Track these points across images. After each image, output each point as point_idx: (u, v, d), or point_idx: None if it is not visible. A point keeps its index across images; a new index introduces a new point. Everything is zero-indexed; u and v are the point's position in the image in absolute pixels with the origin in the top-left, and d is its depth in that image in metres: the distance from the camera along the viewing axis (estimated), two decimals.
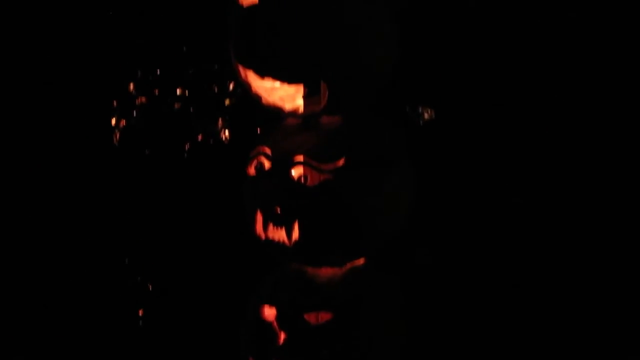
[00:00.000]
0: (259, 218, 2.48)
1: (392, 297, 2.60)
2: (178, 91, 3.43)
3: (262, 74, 2.37)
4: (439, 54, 3.14)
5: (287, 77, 2.35)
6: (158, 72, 3.44)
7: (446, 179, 3.25)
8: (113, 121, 3.45)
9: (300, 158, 2.38)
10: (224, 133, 3.38)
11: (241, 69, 2.44)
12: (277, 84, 2.40)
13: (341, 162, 2.38)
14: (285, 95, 2.43)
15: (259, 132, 3.28)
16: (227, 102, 3.40)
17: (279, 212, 2.42)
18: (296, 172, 2.39)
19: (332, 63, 2.31)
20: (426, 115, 3.26)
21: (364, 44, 2.32)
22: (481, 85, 3.20)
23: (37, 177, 3.30)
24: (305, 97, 2.40)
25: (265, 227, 2.46)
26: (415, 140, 3.20)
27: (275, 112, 2.47)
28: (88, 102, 3.39)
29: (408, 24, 2.58)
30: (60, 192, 3.34)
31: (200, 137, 3.39)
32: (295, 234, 2.41)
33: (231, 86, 3.37)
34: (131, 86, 3.46)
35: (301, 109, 2.42)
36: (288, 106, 2.44)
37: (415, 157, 2.61)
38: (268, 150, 2.45)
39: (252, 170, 2.48)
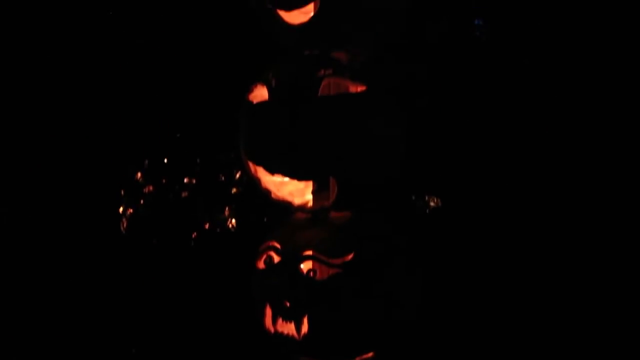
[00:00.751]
0: (268, 312, 2.48)
1: None
2: (185, 180, 3.46)
3: (273, 170, 2.41)
4: (445, 146, 3.19)
5: (297, 174, 2.39)
6: (165, 161, 3.48)
7: (454, 265, 3.25)
8: (120, 209, 3.47)
9: (309, 252, 2.40)
10: (231, 222, 3.40)
11: (251, 165, 2.48)
12: (287, 179, 2.43)
13: (350, 256, 2.39)
14: (294, 190, 2.47)
15: (265, 220, 3.30)
16: (234, 190, 3.43)
17: (288, 306, 2.43)
18: (305, 266, 2.41)
19: (341, 161, 2.35)
20: (432, 204, 3.29)
21: (372, 143, 2.37)
22: (486, 176, 3.24)
23: (46, 267, 3.32)
24: (314, 193, 2.44)
25: (274, 321, 2.46)
26: (422, 227, 3.23)
27: (285, 207, 2.49)
28: (96, 192, 3.43)
29: (415, 119, 2.63)
30: (68, 280, 3.35)
31: (207, 226, 3.41)
32: (305, 328, 2.41)
33: (238, 175, 3.41)
34: (139, 175, 3.49)
35: (310, 204, 2.46)
36: (297, 201, 2.47)
37: (423, 244, 2.62)
38: (277, 245, 2.47)
39: (261, 264, 2.50)
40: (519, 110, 3.17)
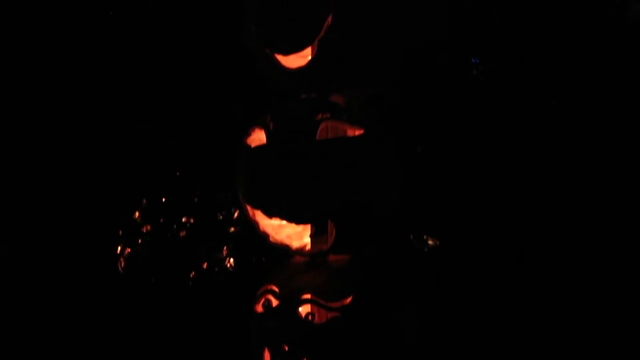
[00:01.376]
0: (267, 356, 2.46)
1: None
2: (183, 219, 3.46)
3: (270, 214, 2.41)
4: (443, 186, 3.19)
5: (295, 218, 2.39)
6: (163, 200, 3.48)
7: (451, 305, 3.24)
8: (118, 249, 3.46)
9: (307, 296, 2.39)
10: (229, 261, 3.39)
11: (249, 208, 2.48)
12: (285, 222, 2.43)
13: (349, 300, 2.39)
14: (292, 233, 2.47)
15: (264, 260, 3.29)
16: (232, 229, 3.42)
17: (286, 350, 2.41)
18: (304, 310, 2.40)
19: (339, 204, 2.35)
20: (430, 243, 3.28)
21: (370, 186, 2.37)
22: (484, 215, 3.24)
23: (44, 307, 3.31)
24: (312, 236, 2.43)
25: None
26: (421, 267, 3.22)
27: (283, 250, 2.49)
28: (93, 231, 3.42)
29: (412, 160, 2.64)
30: (66, 320, 3.34)
31: (205, 265, 3.40)
32: None
33: (236, 214, 3.40)
34: (137, 214, 3.49)
35: (308, 247, 2.46)
36: (295, 244, 2.47)
37: (421, 284, 2.61)
38: (275, 288, 2.46)
39: (259, 308, 2.48)
40: (516, 148, 3.17)
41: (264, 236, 2.49)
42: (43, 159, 3.43)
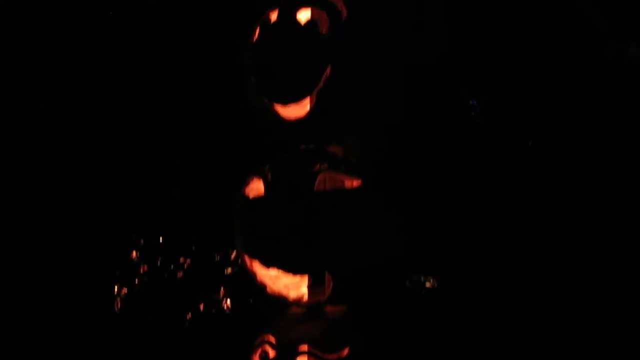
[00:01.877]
0: None
1: None
2: (181, 259, 3.45)
3: (268, 264, 2.41)
4: (440, 230, 3.18)
5: (292, 269, 2.39)
6: (161, 240, 3.47)
7: (450, 347, 3.23)
8: (115, 289, 3.44)
9: (304, 348, 2.39)
10: (226, 302, 3.38)
11: (247, 259, 2.48)
12: (282, 272, 2.42)
13: (345, 351, 2.39)
14: (290, 283, 2.45)
15: (261, 302, 3.27)
16: (229, 270, 3.41)
17: None
18: None
19: (337, 256, 2.35)
20: (428, 285, 3.27)
21: (368, 238, 2.37)
22: (482, 255, 3.23)
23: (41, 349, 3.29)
24: (310, 287, 2.42)
25: None
26: (418, 310, 3.21)
27: (280, 300, 2.48)
28: (90, 271, 3.41)
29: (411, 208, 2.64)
30: None
31: (202, 307, 3.38)
32: None
33: (233, 255, 3.39)
34: (134, 254, 3.48)
35: (306, 298, 2.44)
36: (293, 294, 2.46)
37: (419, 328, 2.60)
38: (272, 339, 2.45)
39: (256, 359, 2.48)
40: (514, 193, 3.17)
41: (262, 287, 2.48)
42: (40, 194, 3.42)
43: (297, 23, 2.38)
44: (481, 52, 3.18)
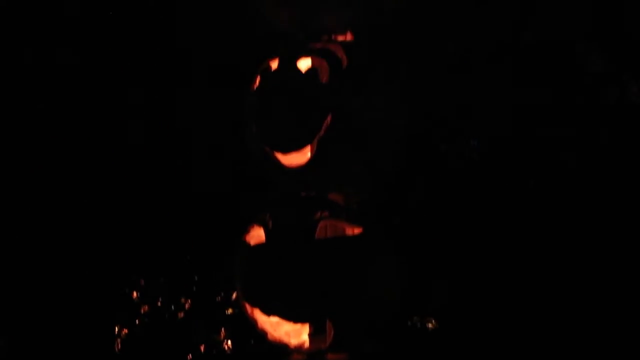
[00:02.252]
0: None
1: None
2: (181, 300, 3.44)
3: (269, 312, 2.40)
4: (440, 266, 3.19)
5: (293, 317, 2.38)
6: (161, 281, 3.46)
7: None
8: (115, 330, 3.43)
9: None
10: (227, 343, 3.36)
11: (247, 307, 2.47)
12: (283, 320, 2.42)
13: None
14: (291, 331, 2.45)
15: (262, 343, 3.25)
16: (229, 311, 3.40)
17: None
18: None
19: (338, 304, 2.35)
20: (430, 326, 3.26)
21: (369, 286, 2.37)
22: (483, 294, 3.23)
23: None
24: (311, 335, 2.42)
25: None
26: (421, 352, 3.20)
27: (281, 348, 2.47)
28: (90, 311, 3.40)
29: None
30: None
31: (202, 348, 3.37)
32: None
33: (234, 295, 3.38)
34: (134, 294, 3.47)
35: (307, 345, 2.44)
36: (294, 342, 2.45)
37: None
38: None
39: None
40: (516, 236, 3.17)
41: (263, 334, 2.48)
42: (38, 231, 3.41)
43: (298, 71, 2.40)
44: (482, 95, 3.20)
